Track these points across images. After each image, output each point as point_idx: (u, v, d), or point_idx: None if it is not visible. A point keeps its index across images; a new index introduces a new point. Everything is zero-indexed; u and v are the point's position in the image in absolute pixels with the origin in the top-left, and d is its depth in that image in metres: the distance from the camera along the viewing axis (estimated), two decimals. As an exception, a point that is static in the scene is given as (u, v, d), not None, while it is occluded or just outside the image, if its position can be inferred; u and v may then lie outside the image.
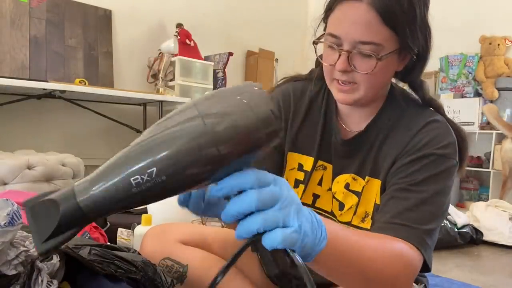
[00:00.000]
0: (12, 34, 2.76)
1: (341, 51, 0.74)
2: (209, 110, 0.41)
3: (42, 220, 0.42)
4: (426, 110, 0.84)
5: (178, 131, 0.40)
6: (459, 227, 2.34)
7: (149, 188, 0.40)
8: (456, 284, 1.70)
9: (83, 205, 0.41)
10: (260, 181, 0.43)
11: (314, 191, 0.90)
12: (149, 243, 0.98)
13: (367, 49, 0.72)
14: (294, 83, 0.94)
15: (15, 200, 0.56)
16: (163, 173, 0.40)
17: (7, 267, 0.54)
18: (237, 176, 0.42)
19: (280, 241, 0.42)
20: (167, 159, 0.40)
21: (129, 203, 0.42)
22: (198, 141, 0.40)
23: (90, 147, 3.04)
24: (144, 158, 0.40)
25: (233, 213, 0.43)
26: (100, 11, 3.19)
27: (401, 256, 0.66)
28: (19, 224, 0.54)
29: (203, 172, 0.41)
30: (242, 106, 0.41)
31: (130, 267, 0.70)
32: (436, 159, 0.75)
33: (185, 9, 3.69)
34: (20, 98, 2.66)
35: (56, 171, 2.09)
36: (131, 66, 3.40)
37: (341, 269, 0.57)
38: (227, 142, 0.40)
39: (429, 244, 0.70)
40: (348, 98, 0.79)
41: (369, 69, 0.74)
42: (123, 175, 0.40)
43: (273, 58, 4.20)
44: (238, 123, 0.40)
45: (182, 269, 0.91)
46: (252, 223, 0.42)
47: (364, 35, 0.72)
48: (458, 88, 3.76)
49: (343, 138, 0.87)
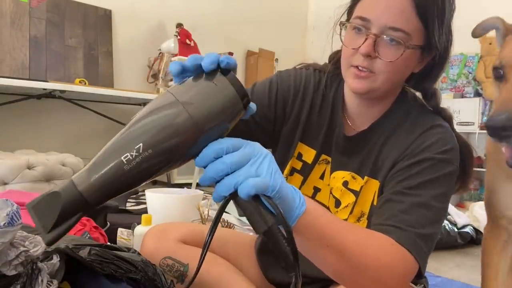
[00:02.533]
0: (12, 34, 2.76)
1: (368, 34, 0.73)
2: (185, 94, 0.48)
3: (45, 212, 0.45)
4: (432, 115, 0.83)
5: (160, 114, 0.46)
6: (459, 227, 2.34)
7: (139, 164, 0.45)
8: (456, 284, 1.70)
9: (83, 190, 0.45)
10: (233, 145, 0.48)
11: (316, 184, 0.90)
12: (149, 243, 0.98)
13: (395, 36, 0.72)
14: (302, 71, 0.93)
15: (15, 200, 0.56)
16: (149, 146, 0.45)
17: (7, 268, 0.54)
18: (213, 144, 0.48)
19: (252, 186, 0.46)
20: (151, 134, 0.46)
21: (125, 182, 0.46)
22: (177, 118, 0.46)
23: (90, 147, 3.03)
24: (131, 138, 0.46)
25: (210, 174, 0.48)
26: (100, 11, 3.19)
27: (390, 248, 0.65)
28: (19, 224, 0.54)
29: (184, 142, 0.46)
30: (213, 88, 0.48)
31: (130, 267, 0.70)
32: (435, 163, 0.74)
33: (185, 9, 3.69)
34: (20, 98, 2.66)
35: (56, 171, 2.09)
36: (131, 66, 3.41)
37: (323, 246, 0.58)
38: (200, 118, 0.46)
39: (423, 248, 0.68)
40: (363, 85, 0.76)
41: (393, 57, 0.72)
42: (115, 155, 0.45)
43: (273, 58, 4.20)
44: (208, 103, 0.47)
45: (183, 268, 0.92)
46: (228, 179, 0.47)
47: (396, 21, 0.71)
48: (458, 88, 3.76)
49: (346, 134, 0.86)
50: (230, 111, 0.49)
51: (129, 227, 1.56)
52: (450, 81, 3.80)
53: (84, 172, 0.46)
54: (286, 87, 0.90)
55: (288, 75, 0.92)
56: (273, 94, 0.89)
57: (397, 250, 0.66)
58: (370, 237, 0.65)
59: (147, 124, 0.46)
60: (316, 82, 0.90)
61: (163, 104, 0.47)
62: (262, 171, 0.49)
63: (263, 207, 0.49)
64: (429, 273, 1.76)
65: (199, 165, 0.48)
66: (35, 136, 2.90)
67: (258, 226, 0.49)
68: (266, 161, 0.50)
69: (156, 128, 0.46)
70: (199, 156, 0.48)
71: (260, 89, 0.90)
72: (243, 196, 0.47)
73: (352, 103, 0.86)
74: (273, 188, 0.49)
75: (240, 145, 0.49)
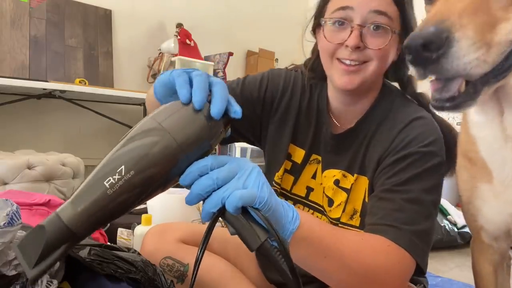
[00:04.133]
0: (12, 34, 2.75)
1: (353, 26, 0.73)
2: (165, 118, 0.48)
3: (29, 248, 0.43)
4: (412, 106, 0.83)
5: (140, 138, 0.46)
6: (459, 227, 2.34)
7: (122, 187, 0.44)
8: (456, 284, 1.70)
9: (68, 222, 0.43)
10: (218, 162, 0.48)
11: (308, 184, 0.90)
12: (149, 243, 0.98)
13: (382, 20, 0.72)
14: (292, 72, 0.94)
15: (15, 200, 0.56)
16: (132, 167, 0.44)
17: (7, 268, 0.53)
18: (197, 162, 0.47)
19: (239, 198, 0.45)
20: (132, 156, 0.45)
21: (111, 209, 0.44)
22: (157, 139, 0.46)
23: (90, 147, 3.04)
24: (112, 163, 0.45)
25: (197, 191, 0.47)
26: (100, 11, 3.19)
27: (386, 249, 0.65)
28: (18, 224, 0.54)
29: (166, 162, 0.45)
30: (191, 115, 0.48)
31: (130, 267, 0.70)
32: (420, 157, 0.74)
33: (185, 9, 3.69)
34: (20, 98, 2.66)
35: (56, 171, 2.09)
36: (131, 66, 3.40)
37: (321, 258, 0.58)
38: (181, 139, 0.46)
39: (420, 246, 0.68)
40: (353, 80, 0.76)
41: (382, 44, 0.73)
42: (98, 182, 0.44)
43: (273, 58, 4.20)
44: (190, 126, 0.47)
45: (183, 268, 0.92)
46: (215, 194, 0.47)
47: (380, 4, 0.72)
48: (458, 88, 3.76)
49: (333, 132, 0.86)
50: (210, 132, 0.49)
51: (129, 227, 1.57)
52: (450, 81, 3.80)
53: (68, 204, 0.44)
54: (276, 84, 0.91)
55: (279, 73, 0.93)
56: (263, 88, 0.90)
57: (394, 250, 0.66)
58: (365, 241, 0.66)
59: (127, 148, 0.45)
60: (304, 84, 0.92)
61: (142, 129, 0.47)
62: (249, 183, 0.48)
63: (253, 222, 0.47)
64: (429, 273, 1.76)
65: (185, 183, 0.48)
66: (35, 136, 2.90)
67: (250, 243, 0.47)
68: (253, 174, 0.49)
69: (137, 149, 0.45)
70: (184, 174, 0.47)
71: (252, 82, 0.92)
72: (231, 210, 0.46)
73: (336, 102, 0.86)
74: (261, 199, 0.48)
75: (225, 161, 0.49)
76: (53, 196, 1.46)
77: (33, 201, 1.35)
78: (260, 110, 0.90)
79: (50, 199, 1.41)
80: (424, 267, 0.70)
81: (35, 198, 1.37)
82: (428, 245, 0.71)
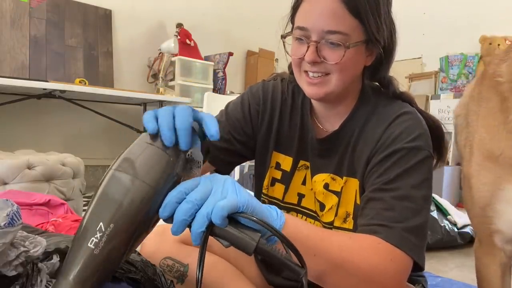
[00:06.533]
0: (12, 34, 2.76)
1: (309, 43, 0.75)
2: (131, 164, 0.48)
3: None
4: (396, 103, 0.83)
5: (106, 193, 0.46)
6: (459, 227, 2.34)
7: (106, 243, 0.44)
8: (456, 284, 1.70)
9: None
10: (190, 185, 0.49)
11: (299, 190, 0.90)
12: (149, 243, 0.98)
13: (334, 38, 0.73)
14: (270, 82, 0.95)
15: (15, 200, 0.56)
16: (110, 221, 0.44)
17: (7, 268, 0.53)
18: (171, 193, 0.49)
19: (222, 208, 0.47)
20: (105, 209, 0.45)
21: (103, 268, 0.45)
22: (130, 189, 0.46)
23: (90, 147, 3.04)
24: (89, 224, 0.45)
25: (180, 217, 0.48)
26: (100, 11, 3.19)
27: (376, 247, 0.65)
28: (19, 224, 0.54)
29: (140, 204, 0.46)
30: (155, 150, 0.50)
31: (130, 267, 0.70)
32: (407, 153, 0.74)
33: (185, 9, 3.69)
34: (20, 98, 2.66)
35: (56, 171, 2.09)
36: (131, 66, 3.41)
37: (310, 256, 0.58)
38: (151, 181, 0.47)
39: (413, 242, 0.68)
40: (319, 91, 0.78)
41: (337, 58, 0.74)
42: (81, 247, 0.44)
43: (273, 58, 4.20)
44: (157, 166, 0.49)
45: (183, 268, 0.92)
46: (199, 214, 0.48)
47: (331, 24, 0.73)
48: (458, 88, 3.76)
49: (317, 137, 0.87)
50: (180, 164, 0.51)
51: (129, 227, 1.56)
52: (450, 81, 3.80)
53: (59, 277, 0.44)
54: (256, 99, 0.92)
55: (257, 89, 0.94)
56: (246, 109, 0.92)
57: (385, 248, 0.66)
58: (354, 240, 0.66)
59: (101, 205, 0.46)
60: (284, 91, 0.92)
61: (112, 181, 0.47)
62: (227, 193, 0.50)
63: (243, 228, 0.49)
64: (429, 273, 1.76)
65: (164, 215, 0.48)
66: (35, 136, 2.90)
67: (246, 247, 0.48)
68: (227, 184, 0.51)
69: (110, 203, 0.46)
70: (162, 207, 0.48)
71: (234, 107, 0.93)
72: (218, 222, 0.47)
73: (319, 107, 0.87)
74: (242, 202, 0.49)
75: (197, 182, 0.50)
76: (53, 196, 1.46)
77: (33, 201, 1.35)
78: (250, 129, 0.91)
79: (50, 199, 1.41)
80: (421, 262, 0.69)
81: (35, 198, 1.37)
82: (423, 240, 0.71)
